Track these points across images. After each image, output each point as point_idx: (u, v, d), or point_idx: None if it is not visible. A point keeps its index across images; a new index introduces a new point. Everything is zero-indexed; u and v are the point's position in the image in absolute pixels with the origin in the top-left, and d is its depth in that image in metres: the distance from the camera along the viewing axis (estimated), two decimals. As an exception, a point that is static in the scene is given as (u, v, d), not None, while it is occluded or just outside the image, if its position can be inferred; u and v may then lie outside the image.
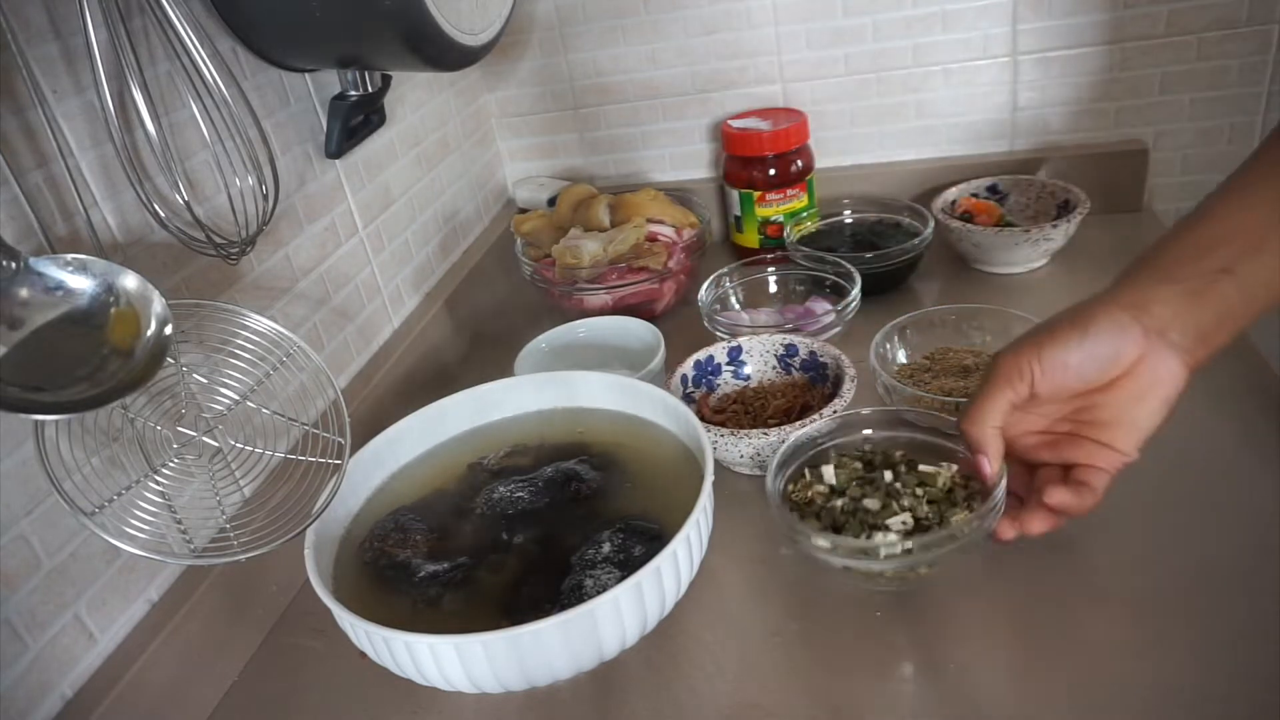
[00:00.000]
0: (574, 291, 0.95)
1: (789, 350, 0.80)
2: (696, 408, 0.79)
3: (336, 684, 0.62)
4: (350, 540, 0.62)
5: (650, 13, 1.07)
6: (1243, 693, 0.49)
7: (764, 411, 0.77)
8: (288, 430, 0.63)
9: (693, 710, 0.55)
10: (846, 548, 0.57)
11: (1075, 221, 0.91)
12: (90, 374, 0.47)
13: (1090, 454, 0.55)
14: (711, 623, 0.61)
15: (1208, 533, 0.60)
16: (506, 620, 0.49)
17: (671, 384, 0.77)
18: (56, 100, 0.55)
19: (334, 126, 0.79)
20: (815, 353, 0.78)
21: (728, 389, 0.81)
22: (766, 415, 0.76)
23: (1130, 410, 0.53)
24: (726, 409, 0.78)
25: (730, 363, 0.81)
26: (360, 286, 0.86)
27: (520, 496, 0.63)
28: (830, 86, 1.07)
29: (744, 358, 0.81)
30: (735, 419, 0.77)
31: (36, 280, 0.47)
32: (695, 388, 0.80)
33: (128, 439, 0.54)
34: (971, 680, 0.53)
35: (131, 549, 0.49)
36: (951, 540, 0.55)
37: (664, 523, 0.59)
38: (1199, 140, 1.01)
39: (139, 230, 0.60)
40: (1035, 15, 0.98)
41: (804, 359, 0.79)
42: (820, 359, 0.78)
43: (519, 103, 1.17)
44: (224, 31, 0.68)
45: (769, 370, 0.81)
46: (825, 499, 0.62)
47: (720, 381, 0.81)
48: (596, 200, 1.01)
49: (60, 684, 0.54)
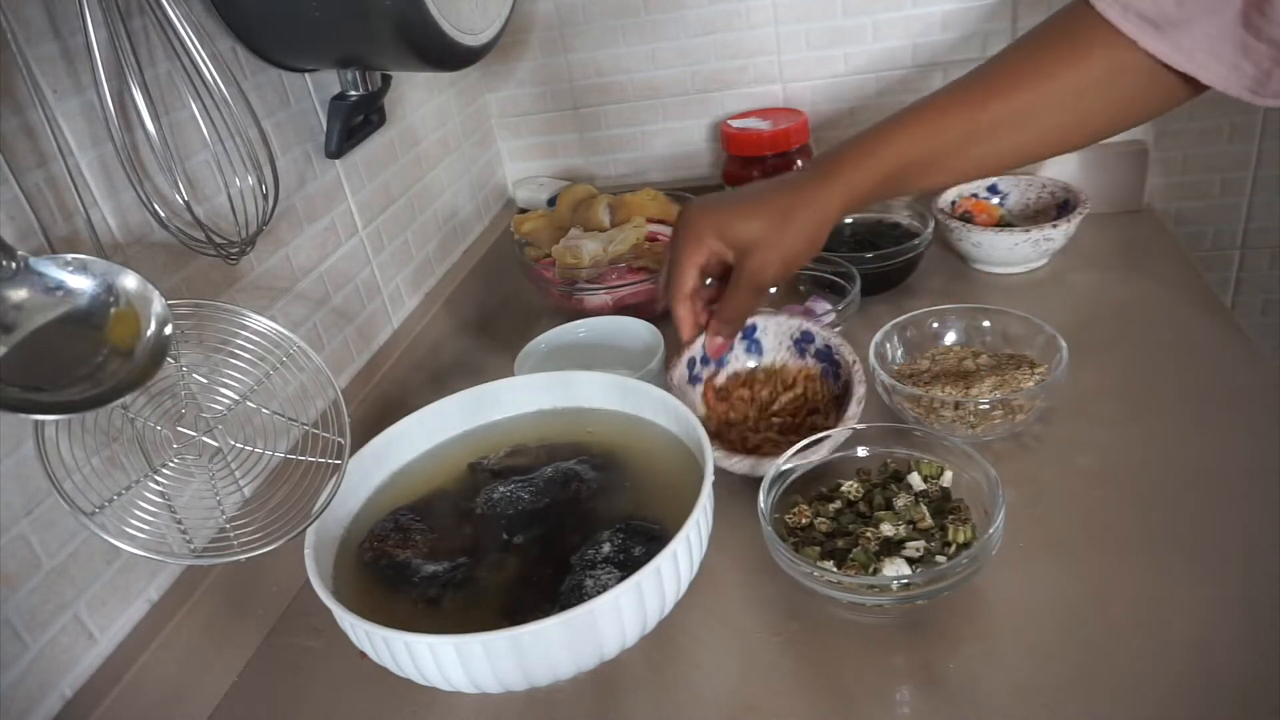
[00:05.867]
0: (574, 291, 0.95)
1: (805, 336, 0.78)
2: (702, 390, 0.77)
3: (336, 684, 0.62)
4: (350, 540, 0.62)
5: (650, 13, 1.07)
6: (1244, 691, 0.50)
7: (771, 404, 0.75)
8: (288, 430, 0.62)
9: (693, 710, 0.55)
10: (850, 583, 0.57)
11: (1075, 221, 0.91)
12: (90, 374, 0.47)
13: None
14: (711, 623, 0.61)
15: (1208, 532, 0.60)
16: (506, 620, 0.49)
17: (677, 370, 0.75)
18: (56, 100, 0.54)
19: (334, 126, 0.79)
20: (831, 347, 0.76)
21: (738, 366, 0.79)
22: (773, 410, 0.75)
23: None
24: (733, 394, 0.77)
25: (744, 337, 0.79)
26: (360, 286, 0.86)
27: (520, 496, 0.63)
28: (830, 86, 1.07)
29: (759, 335, 0.79)
30: (741, 406, 0.76)
31: (36, 280, 0.47)
32: (703, 366, 0.78)
33: (128, 439, 0.54)
34: (973, 681, 0.53)
35: (131, 549, 0.49)
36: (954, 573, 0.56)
37: (664, 523, 0.59)
38: (1199, 140, 1.02)
39: (139, 230, 0.60)
40: (1035, 15, 0.98)
41: (819, 348, 0.77)
42: (835, 356, 0.75)
43: (519, 103, 1.17)
44: (224, 31, 0.68)
45: (783, 350, 0.79)
46: (826, 526, 0.63)
47: (730, 358, 0.79)
48: (596, 200, 1.01)
49: (60, 684, 0.54)
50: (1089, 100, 0.58)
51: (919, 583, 0.56)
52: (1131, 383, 0.76)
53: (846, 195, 0.63)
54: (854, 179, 0.63)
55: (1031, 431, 0.72)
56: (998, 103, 0.59)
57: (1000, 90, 0.59)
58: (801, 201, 0.64)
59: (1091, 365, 0.76)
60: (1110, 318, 0.86)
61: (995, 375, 0.73)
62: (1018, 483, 0.66)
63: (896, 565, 0.57)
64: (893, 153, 0.62)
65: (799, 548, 0.61)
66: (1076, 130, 0.60)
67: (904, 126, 0.62)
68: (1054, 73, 0.58)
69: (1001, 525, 0.57)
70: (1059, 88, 0.58)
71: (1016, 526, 0.62)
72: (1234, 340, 0.78)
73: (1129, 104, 0.58)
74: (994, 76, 0.60)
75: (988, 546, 0.56)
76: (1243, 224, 1.10)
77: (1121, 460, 0.67)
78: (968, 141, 0.61)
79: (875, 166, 0.62)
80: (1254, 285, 1.14)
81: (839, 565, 0.59)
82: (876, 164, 0.62)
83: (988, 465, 0.61)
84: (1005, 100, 0.59)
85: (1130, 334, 0.82)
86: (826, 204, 0.63)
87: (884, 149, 0.62)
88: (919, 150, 0.62)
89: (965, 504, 0.62)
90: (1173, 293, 0.87)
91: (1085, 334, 0.79)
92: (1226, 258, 1.13)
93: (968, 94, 0.61)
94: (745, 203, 0.66)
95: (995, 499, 0.58)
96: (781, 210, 0.64)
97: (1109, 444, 0.69)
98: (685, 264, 0.67)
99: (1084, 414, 0.73)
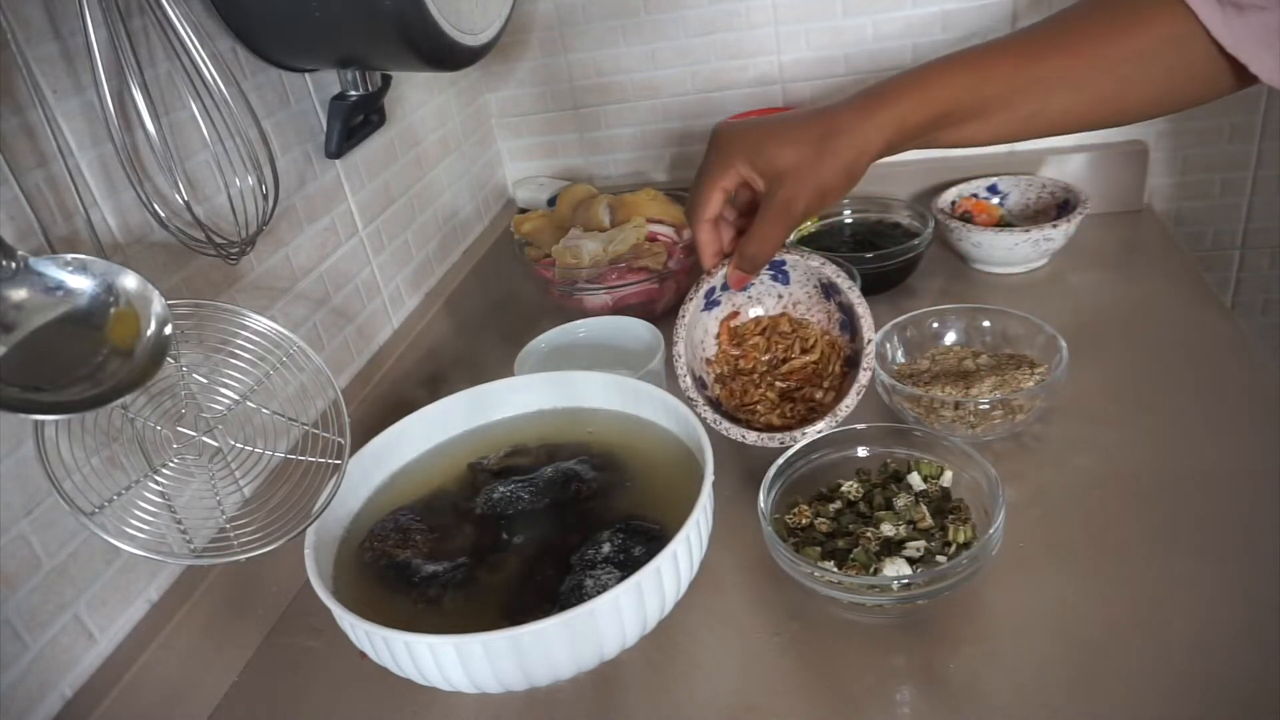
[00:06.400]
0: (574, 291, 0.95)
1: (833, 288, 0.73)
2: (718, 328, 0.76)
3: (336, 684, 0.62)
4: (350, 540, 0.62)
5: (650, 13, 1.07)
6: (1247, 689, 0.50)
7: (782, 363, 0.74)
8: (288, 430, 0.62)
9: (693, 710, 0.55)
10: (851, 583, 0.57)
11: (1075, 221, 0.91)
12: (90, 374, 0.47)
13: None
14: (711, 623, 0.61)
15: (1209, 532, 0.60)
16: (506, 620, 0.49)
17: (693, 301, 0.72)
18: (56, 100, 0.54)
19: (334, 126, 0.79)
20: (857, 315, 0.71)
21: (760, 310, 0.76)
22: (783, 370, 0.74)
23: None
24: (747, 341, 0.75)
25: (770, 267, 0.74)
26: (360, 286, 0.86)
27: (520, 496, 0.63)
28: (830, 86, 1.07)
29: (788, 269, 0.74)
30: (753, 355, 0.75)
31: (36, 280, 0.47)
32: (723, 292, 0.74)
33: (128, 439, 0.54)
34: (973, 680, 0.53)
35: (131, 549, 0.49)
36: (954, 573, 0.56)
37: (664, 523, 0.59)
38: (1199, 140, 1.02)
39: (139, 230, 0.60)
40: (1035, 15, 0.98)
41: (842, 303, 0.72)
42: (854, 319, 0.71)
43: (519, 103, 1.17)
44: (224, 31, 0.68)
45: (810, 289, 0.75)
46: (826, 527, 0.63)
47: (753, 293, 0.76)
48: (596, 200, 1.01)
49: (60, 684, 0.54)
50: (1144, 68, 0.56)
51: (919, 583, 0.56)
52: (1131, 383, 0.76)
53: (892, 128, 0.59)
54: (900, 112, 0.59)
55: (1031, 431, 0.72)
56: (1055, 57, 0.57)
57: (1057, 47, 0.57)
58: (842, 130, 0.60)
59: (1091, 365, 0.76)
60: (1110, 318, 0.86)
61: (995, 375, 0.73)
62: (1018, 483, 0.66)
63: (897, 565, 0.57)
64: (942, 91, 0.59)
65: (799, 548, 0.61)
66: (1127, 99, 0.58)
67: (956, 66, 0.59)
68: (1115, 36, 0.56)
69: (1001, 525, 0.57)
70: (1116, 51, 0.56)
71: (1016, 526, 0.62)
72: (1234, 340, 0.78)
73: (1181, 81, 0.57)
74: (1052, 32, 0.58)
75: (988, 546, 0.56)
76: (1243, 224, 1.10)
77: (1122, 460, 0.67)
78: (1019, 93, 0.58)
79: (924, 102, 0.59)
80: (1254, 285, 1.14)
81: (839, 565, 0.59)
82: (925, 99, 0.59)
83: (988, 465, 0.61)
84: (1062, 55, 0.57)
85: (1130, 334, 0.82)
86: (868, 136, 0.60)
87: (934, 84, 0.59)
88: (968, 94, 0.59)
89: (965, 504, 0.62)
90: (1173, 293, 0.87)
91: (1085, 334, 0.79)
92: (1226, 258, 1.13)
93: (1024, 46, 0.59)
94: (780, 128, 0.62)
95: (995, 499, 0.59)
96: (818, 138, 0.60)
97: (1109, 444, 0.69)
98: (710, 187, 0.64)
99: (1084, 414, 0.73)
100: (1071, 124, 0.61)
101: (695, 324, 0.74)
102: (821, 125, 0.61)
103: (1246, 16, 0.52)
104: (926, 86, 0.59)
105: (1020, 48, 0.59)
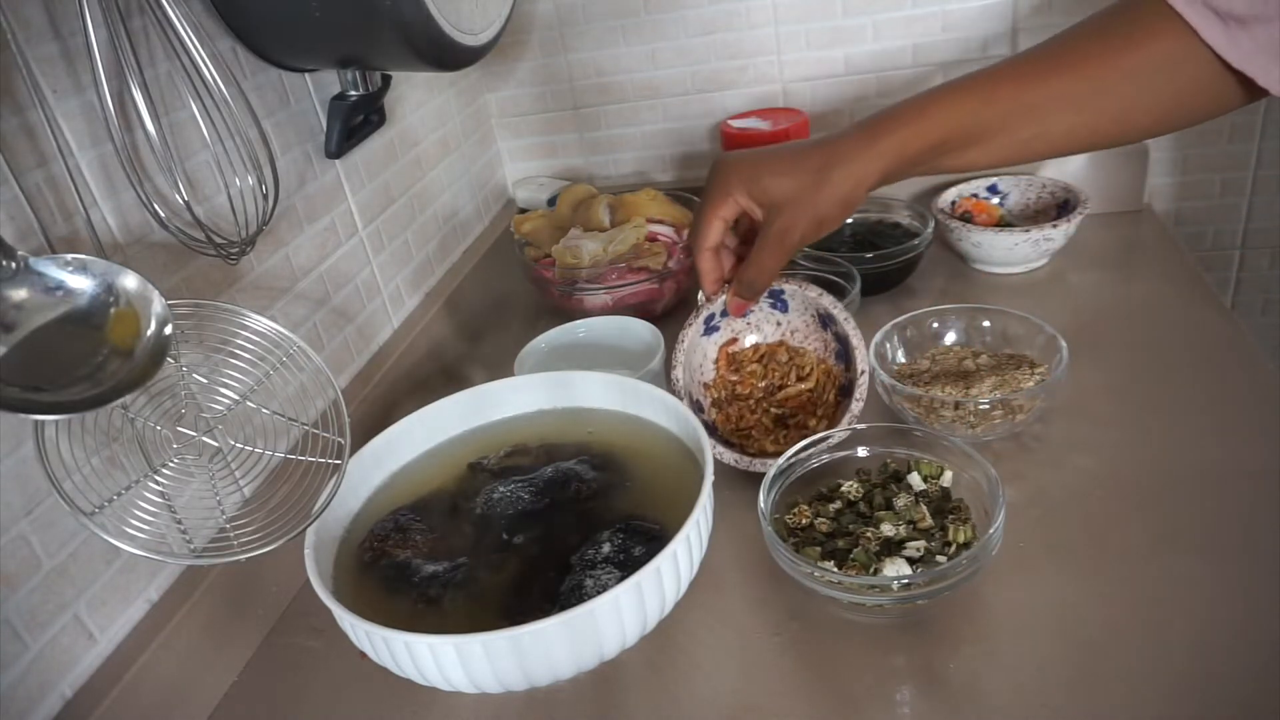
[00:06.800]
0: (574, 291, 0.95)
1: (829, 318, 0.74)
2: (716, 353, 0.77)
3: (336, 684, 0.62)
4: (350, 540, 0.62)
5: (650, 13, 1.07)
6: (1247, 689, 0.50)
7: (779, 390, 0.75)
8: (288, 430, 0.62)
9: (693, 710, 0.55)
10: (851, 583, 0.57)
11: (1075, 221, 0.91)
12: (90, 374, 0.47)
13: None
14: (711, 623, 0.61)
15: (1209, 532, 0.60)
16: (506, 620, 0.49)
17: (693, 326, 0.72)
18: (56, 100, 0.54)
19: (334, 126, 0.79)
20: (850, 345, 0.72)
21: (759, 337, 0.77)
22: (779, 397, 0.75)
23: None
24: (745, 367, 0.76)
25: (770, 294, 0.76)
26: (360, 286, 0.86)
27: (520, 496, 0.63)
28: (830, 86, 1.07)
29: (786, 298, 0.76)
30: (750, 381, 0.75)
31: (36, 280, 0.47)
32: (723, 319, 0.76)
33: (128, 439, 0.54)
34: (973, 680, 0.53)
35: (131, 549, 0.49)
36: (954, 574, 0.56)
37: (664, 523, 0.59)
38: (1199, 140, 1.02)
39: (139, 230, 0.60)
40: (1035, 15, 0.98)
41: (838, 333, 0.74)
42: (849, 349, 0.72)
43: (519, 103, 1.17)
44: (224, 31, 0.68)
45: (809, 318, 0.76)
46: (826, 527, 0.63)
47: (753, 320, 0.77)
48: (596, 200, 1.01)
49: (60, 684, 0.54)
50: (1146, 87, 0.56)
51: (919, 583, 0.56)
52: (1131, 383, 0.76)
53: (890, 158, 0.60)
54: (900, 141, 0.60)
55: (1031, 431, 0.72)
56: (1054, 79, 0.57)
57: (1057, 68, 0.57)
58: (838, 161, 0.61)
59: (1091, 365, 0.76)
60: (1110, 318, 0.86)
61: (995, 375, 0.73)
62: (1018, 483, 0.66)
63: (897, 565, 0.57)
64: (940, 119, 0.59)
65: (799, 548, 0.61)
66: (1130, 119, 0.58)
67: (953, 94, 0.59)
68: (1114, 55, 0.56)
69: (1001, 525, 0.57)
70: (1116, 72, 0.56)
71: (1016, 526, 0.62)
72: (1234, 340, 0.78)
73: (1186, 98, 0.56)
74: (1051, 54, 0.58)
75: (988, 546, 0.56)
76: (1243, 224, 1.10)
77: (1121, 460, 0.67)
78: (1019, 117, 0.58)
79: (923, 130, 0.59)
80: (1254, 285, 1.14)
81: (839, 565, 0.59)
82: (925, 128, 0.59)
83: (988, 465, 0.61)
84: (1061, 77, 0.57)
85: (1130, 334, 0.82)
86: (866, 166, 0.60)
87: (932, 113, 0.59)
88: (968, 120, 0.59)
89: (965, 504, 0.63)
90: (1173, 293, 0.87)
91: (1085, 334, 0.79)
92: (1226, 258, 1.13)
93: (1023, 69, 0.58)
94: (779, 159, 0.63)
95: (995, 499, 0.59)
96: (816, 169, 0.61)
97: (1109, 444, 0.69)
98: (710, 217, 0.65)
99: (1084, 414, 0.73)
100: (1074, 146, 0.61)
101: (694, 348, 0.74)
102: (820, 156, 0.61)
103: (1250, 29, 0.51)
104: (925, 115, 0.60)
105: (1019, 72, 0.59)
